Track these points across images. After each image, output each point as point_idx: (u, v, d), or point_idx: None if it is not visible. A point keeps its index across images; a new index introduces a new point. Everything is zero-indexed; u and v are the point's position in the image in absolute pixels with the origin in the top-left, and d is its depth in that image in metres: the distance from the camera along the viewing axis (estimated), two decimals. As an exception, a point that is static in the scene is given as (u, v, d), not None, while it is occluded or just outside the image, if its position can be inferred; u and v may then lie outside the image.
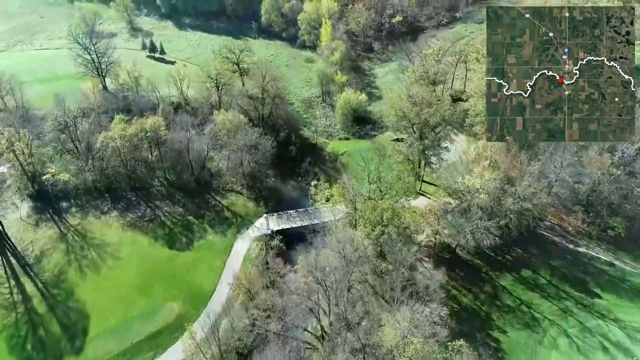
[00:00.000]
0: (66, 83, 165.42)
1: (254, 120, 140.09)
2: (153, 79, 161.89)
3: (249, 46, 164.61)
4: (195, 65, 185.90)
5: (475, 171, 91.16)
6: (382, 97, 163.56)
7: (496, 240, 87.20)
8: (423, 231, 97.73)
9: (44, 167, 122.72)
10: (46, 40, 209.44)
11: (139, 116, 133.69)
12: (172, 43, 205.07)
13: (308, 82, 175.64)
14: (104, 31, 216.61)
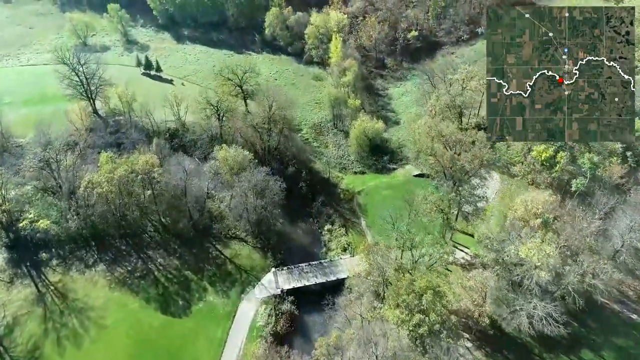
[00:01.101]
0: (53, 106, 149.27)
1: (260, 152, 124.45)
2: (147, 102, 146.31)
3: (252, 65, 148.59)
4: (195, 84, 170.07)
5: (526, 236, 75.45)
6: (400, 122, 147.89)
7: (560, 328, 71.82)
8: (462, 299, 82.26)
9: (22, 210, 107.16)
10: (34, 54, 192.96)
11: (130, 150, 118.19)
12: (170, 58, 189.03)
13: (317, 103, 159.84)
14: (97, 44, 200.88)
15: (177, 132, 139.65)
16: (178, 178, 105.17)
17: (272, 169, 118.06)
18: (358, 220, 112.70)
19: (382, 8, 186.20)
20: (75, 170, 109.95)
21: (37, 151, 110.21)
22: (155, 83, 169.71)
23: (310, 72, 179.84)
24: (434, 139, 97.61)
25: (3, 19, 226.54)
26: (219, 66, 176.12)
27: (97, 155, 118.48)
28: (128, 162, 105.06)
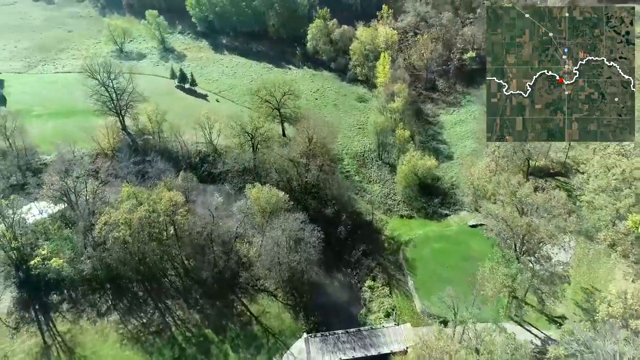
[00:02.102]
0: (81, 120, 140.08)
1: (296, 188, 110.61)
2: (179, 121, 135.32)
3: (291, 87, 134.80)
4: (230, 100, 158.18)
5: (625, 343, 58.61)
6: (453, 157, 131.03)
7: None
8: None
9: (35, 245, 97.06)
10: (70, 60, 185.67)
11: (155, 179, 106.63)
12: (205, 69, 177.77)
13: (361, 128, 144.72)
14: (133, 51, 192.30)
15: (208, 157, 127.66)
16: (204, 221, 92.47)
17: (309, 212, 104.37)
18: (404, 279, 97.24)
19: (436, 25, 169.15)
20: (95, 203, 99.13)
21: (55, 179, 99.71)
22: (188, 98, 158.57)
23: (353, 91, 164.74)
24: (505, 202, 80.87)
25: (43, 20, 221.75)
26: (257, 83, 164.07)
27: (120, 184, 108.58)
28: (150, 199, 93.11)
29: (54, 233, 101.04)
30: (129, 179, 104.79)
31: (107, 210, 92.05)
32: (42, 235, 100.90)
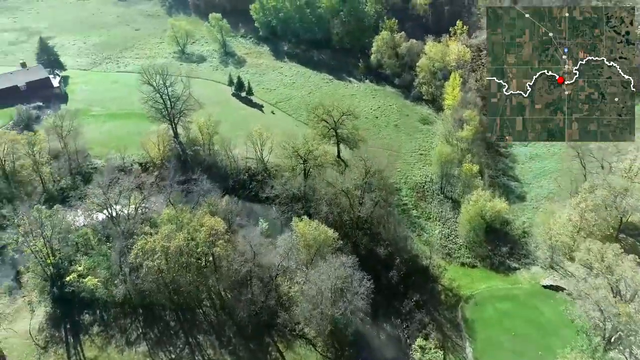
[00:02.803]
0: (137, 124, 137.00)
1: (347, 222, 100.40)
2: (230, 133, 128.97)
3: (351, 107, 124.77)
4: (286, 113, 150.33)
5: None
6: (526, 198, 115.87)
7: None
8: None
9: (73, 258, 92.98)
10: (133, 59, 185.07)
11: (199, 200, 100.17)
12: (264, 77, 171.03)
13: (423, 154, 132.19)
14: (194, 53, 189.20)
15: (257, 176, 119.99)
16: (243, 258, 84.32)
17: (359, 250, 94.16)
18: (461, 343, 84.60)
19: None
20: (135, 221, 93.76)
21: (98, 192, 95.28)
22: (244, 108, 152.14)
23: (417, 111, 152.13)
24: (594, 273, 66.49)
25: (114, 17, 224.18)
26: (315, 95, 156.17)
27: (164, 200, 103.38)
28: (191, 225, 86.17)
29: (93, 246, 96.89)
30: (172, 198, 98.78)
31: (144, 235, 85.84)
32: (82, 247, 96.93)
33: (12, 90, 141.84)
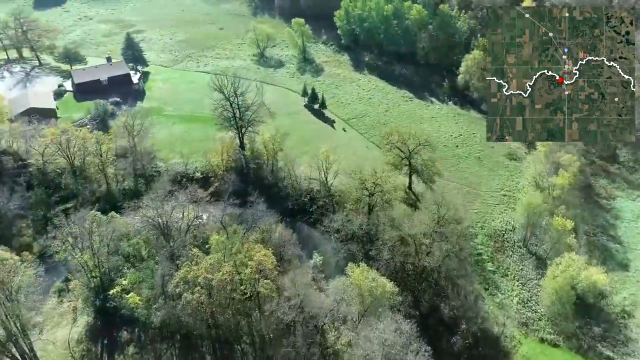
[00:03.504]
0: (205, 129, 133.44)
1: (409, 271, 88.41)
2: (296, 151, 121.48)
3: (429, 138, 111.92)
4: (358, 131, 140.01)
5: None
6: (628, 267, 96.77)
7: None
8: None
9: (120, 270, 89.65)
10: (213, 59, 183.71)
11: (251, 226, 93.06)
12: (340, 89, 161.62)
13: (506, 196, 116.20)
14: (273, 57, 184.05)
15: (318, 200, 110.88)
16: (290, 303, 75.53)
17: (420, 304, 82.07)
18: None
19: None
20: (185, 241, 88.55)
21: (150, 205, 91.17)
22: (314, 122, 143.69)
23: (504, 144, 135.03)
24: None
25: (202, 15, 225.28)
26: (391, 116, 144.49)
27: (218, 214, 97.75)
28: (238, 258, 78.95)
29: (144, 257, 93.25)
30: (226, 216, 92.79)
31: (188, 261, 79.89)
32: (132, 258, 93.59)
33: (94, 84, 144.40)
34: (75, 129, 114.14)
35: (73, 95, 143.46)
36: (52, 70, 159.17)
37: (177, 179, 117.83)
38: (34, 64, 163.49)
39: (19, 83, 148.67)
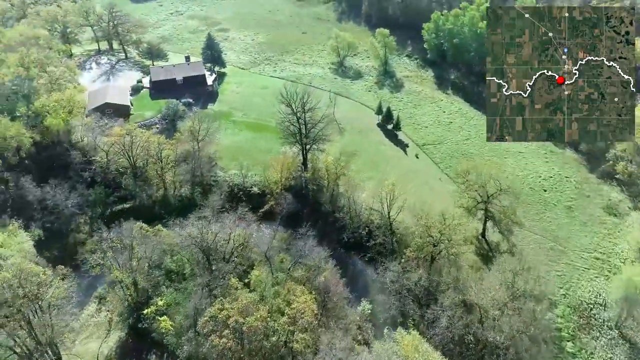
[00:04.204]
0: (269, 140, 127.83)
1: (470, 344, 75.20)
2: (361, 175, 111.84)
3: (512, 185, 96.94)
4: (432, 159, 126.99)
5: None
6: None
7: None
8: None
9: (159, 289, 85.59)
10: (291, 65, 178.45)
11: (297, 260, 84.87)
12: (418, 110, 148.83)
13: (599, 259, 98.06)
14: (352, 67, 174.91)
15: (377, 235, 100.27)
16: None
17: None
18: None
19: None
20: (224, 272, 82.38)
21: (196, 224, 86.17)
22: (386, 144, 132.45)
23: (603, 194, 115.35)
24: None
25: (287, 17, 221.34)
26: (472, 146, 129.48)
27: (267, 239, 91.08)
28: (275, 302, 71.11)
29: (186, 276, 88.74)
30: (269, 251, 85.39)
31: (221, 297, 73.39)
32: (174, 275, 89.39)
33: (170, 82, 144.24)
34: (140, 131, 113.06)
35: (149, 92, 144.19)
36: (135, 64, 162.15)
37: (234, 192, 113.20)
38: (120, 57, 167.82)
39: (103, 75, 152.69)
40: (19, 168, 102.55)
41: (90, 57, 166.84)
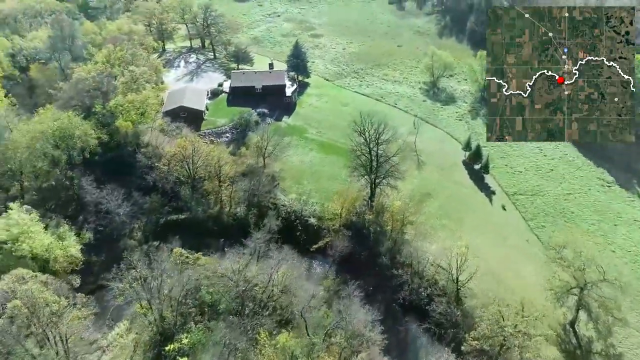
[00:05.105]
0: (338, 166, 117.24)
1: None
2: (428, 224, 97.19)
3: (621, 276, 76.19)
4: (522, 214, 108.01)
5: None
6: None
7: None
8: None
9: (187, 322, 79.20)
10: (379, 80, 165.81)
11: (338, 323, 73.24)
12: (514, 150, 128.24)
13: None
14: (445, 89, 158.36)
15: (440, 302, 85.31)
16: None
17: None
18: None
19: None
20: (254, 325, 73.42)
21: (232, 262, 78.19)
22: (468, 186, 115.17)
23: None
24: None
25: (384, 27, 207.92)
26: (575, 204, 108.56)
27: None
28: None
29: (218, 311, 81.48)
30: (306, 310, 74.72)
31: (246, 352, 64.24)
32: (206, 307, 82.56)
33: (248, 90, 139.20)
34: (204, 143, 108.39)
35: (226, 97, 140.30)
36: (220, 66, 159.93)
37: (290, 219, 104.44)
38: (209, 57, 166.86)
39: (187, 75, 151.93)
40: (83, 167, 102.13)
41: (181, 54, 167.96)
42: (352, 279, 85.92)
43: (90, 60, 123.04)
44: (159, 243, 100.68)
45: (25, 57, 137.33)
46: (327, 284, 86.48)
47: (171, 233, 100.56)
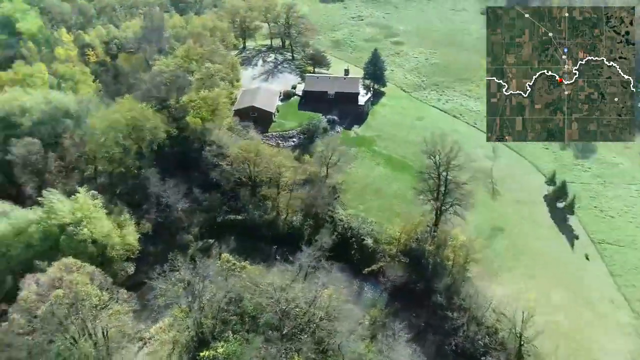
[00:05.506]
0: (404, 184, 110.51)
1: None
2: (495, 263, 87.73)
3: None
4: (606, 266, 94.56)
5: None
6: None
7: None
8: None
9: (225, 328, 77.23)
10: (460, 96, 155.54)
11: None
12: (606, 190, 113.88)
13: None
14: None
15: (505, 354, 76.31)
16: None
17: None
18: None
19: None
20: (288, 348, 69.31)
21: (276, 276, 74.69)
22: (548, 227, 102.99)
23: None
24: None
25: (473, 38, 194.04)
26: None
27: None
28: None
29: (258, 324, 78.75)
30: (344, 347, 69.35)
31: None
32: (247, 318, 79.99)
33: (321, 95, 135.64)
34: (269, 146, 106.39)
35: (298, 101, 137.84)
36: (297, 68, 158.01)
37: (346, 236, 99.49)
38: (287, 57, 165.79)
39: (263, 74, 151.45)
40: (151, 158, 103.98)
41: (260, 52, 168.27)
42: (402, 311, 79.48)
43: (171, 54, 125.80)
44: (213, 241, 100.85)
45: (116, 45, 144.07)
46: (374, 314, 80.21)
47: (226, 233, 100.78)
